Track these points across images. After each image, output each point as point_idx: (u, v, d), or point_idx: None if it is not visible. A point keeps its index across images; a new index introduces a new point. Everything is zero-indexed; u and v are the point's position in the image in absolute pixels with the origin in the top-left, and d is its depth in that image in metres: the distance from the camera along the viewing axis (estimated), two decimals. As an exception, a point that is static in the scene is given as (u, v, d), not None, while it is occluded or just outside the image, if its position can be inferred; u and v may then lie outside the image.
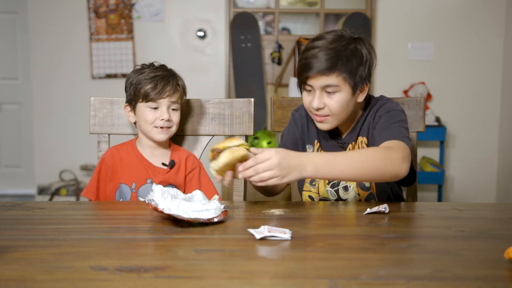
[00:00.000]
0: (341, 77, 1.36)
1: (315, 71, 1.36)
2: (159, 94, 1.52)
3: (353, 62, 1.37)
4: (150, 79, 1.53)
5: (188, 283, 0.81)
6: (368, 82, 1.42)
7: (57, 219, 1.22)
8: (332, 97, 1.38)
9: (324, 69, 1.35)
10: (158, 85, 1.52)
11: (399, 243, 1.03)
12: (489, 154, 3.86)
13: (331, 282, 0.80)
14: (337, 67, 1.35)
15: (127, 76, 1.59)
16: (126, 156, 1.57)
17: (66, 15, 3.95)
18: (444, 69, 3.84)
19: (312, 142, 1.56)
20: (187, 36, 3.95)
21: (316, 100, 1.39)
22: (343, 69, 1.36)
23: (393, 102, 1.48)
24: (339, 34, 1.40)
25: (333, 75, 1.36)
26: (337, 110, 1.39)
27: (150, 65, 1.58)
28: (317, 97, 1.39)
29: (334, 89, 1.37)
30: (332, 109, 1.39)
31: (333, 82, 1.36)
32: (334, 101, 1.38)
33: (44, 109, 4.03)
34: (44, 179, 4.00)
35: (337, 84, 1.36)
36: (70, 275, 0.83)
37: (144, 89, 1.52)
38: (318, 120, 1.43)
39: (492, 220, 1.26)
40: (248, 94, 3.78)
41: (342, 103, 1.38)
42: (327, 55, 1.36)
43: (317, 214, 1.29)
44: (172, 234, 1.07)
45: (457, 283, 0.80)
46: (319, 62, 1.35)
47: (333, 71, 1.35)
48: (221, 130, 1.69)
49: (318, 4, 3.99)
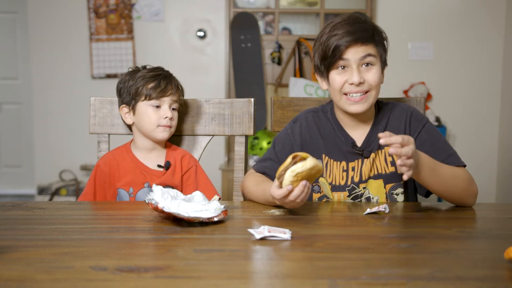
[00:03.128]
0: (376, 48, 1.36)
1: (354, 41, 1.33)
2: (162, 92, 1.52)
3: (382, 36, 1.38)
4: (151, 77, 1.52)
5: (188, 283, 0.81)
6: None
7: (57, 219, 1.22)
8: (370, 70, 1.35)
9: (365, 38, 1.34)
10: (161, 83, 1.52)
11: (399, 243, 1.03)
12: (489, 154, 3.86)
13: (331, 282, 0.80)
14: (374, 37, 1.36)
15: (121, 79, 1.57)
16: (122, 161, 1.56)
17: (66, 15, 3.95)
18: (444, 69, 3.84)
19: (319, 157, 1.45)
20: (187, 36, 3.95)
21: (356, 74, 1.33)
22: (378, 39, 1.37)
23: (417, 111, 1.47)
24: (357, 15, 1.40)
25: (372, 44, 1.35)
26: (377, 83, 1.36)
27: (143, 68, 1.58)
28: (356, 72, 1.34)
29: (372, 60, 1.35)
30: (372, 83, 1.35)
31: (372, 51, 1.35)
32: (373, 74, 1.35)
33: (44, 109, 4.03)
34: (44, 179, 4.00)
35: (375, 54, 1.36)
36: (70, 275, 0.83)
37: (147, 87, 1.51)
38: (357, 99, 1.36)
39: (492, 220, 1.26)
40: (248, 94, 3.77)
41: (378, 76, 1.36)
42: (362, 26, 1.35)
43: (317, 214, 1.29)
44: (172, 234, 1.07)
45: (457, 283, 0.80)
46: (357, 33, 1.33)
47: (372, 40, 1.35)
48: (221, 130, 1.69)
49: (318, 4, 3.99)
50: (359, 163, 1.42)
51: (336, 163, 1.44)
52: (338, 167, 1.44)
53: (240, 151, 1.67)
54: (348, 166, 1.43)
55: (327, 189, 1.44)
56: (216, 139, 2.01)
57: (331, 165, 1.44)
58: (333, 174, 1.44)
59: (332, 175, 1.44)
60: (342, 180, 1.43)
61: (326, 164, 1.45)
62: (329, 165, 1.45)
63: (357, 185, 1.42)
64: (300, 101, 1.70)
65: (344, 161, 1.43)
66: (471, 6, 3.78)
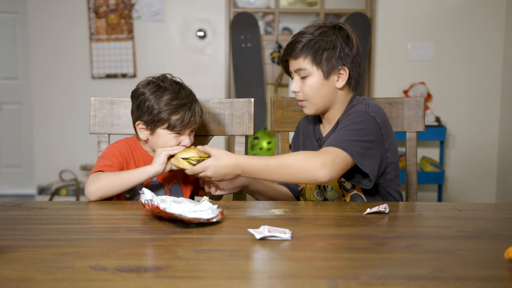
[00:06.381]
0: (307, 60, 1.45)
1: (286, 56, 1.49)
2: (185, 126, 1.47)
3: (320, 46, 1.44)
4: (174, 108, 1.45)
5: (188, 283, 0.81)
6: (346, 67, 1.45)
7: (57, 219, 1.22)
8: (305, 82, 1.47)
9: (293, 53, 1.46)
10: (185, 117, 1.46)
11: (399, 243, 1.03)
12: (489, 154, 3.86)
13: (331, 282, 0.80)
14: (303, 50, 1.45)
15: (141, 92, 1.49)
16: (135, 151, 1.56)
17: (66, 15, 3.95)
18: (444, 69, 3.84)
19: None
20: (187, 36, 3.95)
21: (292, 84, 1.50)
22: (307, 51, 1.44)
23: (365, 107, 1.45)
24: (316, 24, 1.49)
25: (300, 58, 1.46)
26: (310, 94, 1.46)
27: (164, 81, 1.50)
28: (294, 81, 1.49)
29: (305, 72, 1.46)
30: (306, 93, 1.47)
31: (302, 65, 1.45)
32: (307, 85, 1.47)
33: (44, 109, 4.03)
34: (44, 179, 4.01)
35: (305, 67, 1.45)
36: (70, 275, 0.83)
37: (170, 119, 1.45)
38: (299, 104, 1.52)
39: (492, 220, 1.26)
40: (248, 94, 3.78)
41: (314, 86, 1.46)
42: (295, 40, 1.47)
43: (317, 214, 1.29)
44: (172, 234, 1.07)
45: (457, 283, 0.80)
46: (290, 48, 1.48)
47: (300, 54, 1.45)
48: (221, 130, 1.69)
49: (318, 4, 3.99)
50: None
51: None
52: None
53: (240, 151, 1.67)
54: None
55: None
56: (216, 139, 2.00)
57: None
58: None
59: None
60: None
61: None
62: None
63: None
64: (300, 101, 1.70)
65: None
66: (471, 6, 3.78)
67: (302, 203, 1.44)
